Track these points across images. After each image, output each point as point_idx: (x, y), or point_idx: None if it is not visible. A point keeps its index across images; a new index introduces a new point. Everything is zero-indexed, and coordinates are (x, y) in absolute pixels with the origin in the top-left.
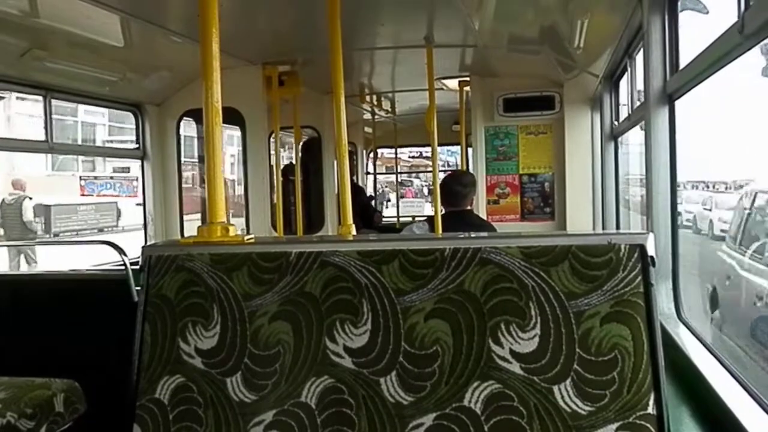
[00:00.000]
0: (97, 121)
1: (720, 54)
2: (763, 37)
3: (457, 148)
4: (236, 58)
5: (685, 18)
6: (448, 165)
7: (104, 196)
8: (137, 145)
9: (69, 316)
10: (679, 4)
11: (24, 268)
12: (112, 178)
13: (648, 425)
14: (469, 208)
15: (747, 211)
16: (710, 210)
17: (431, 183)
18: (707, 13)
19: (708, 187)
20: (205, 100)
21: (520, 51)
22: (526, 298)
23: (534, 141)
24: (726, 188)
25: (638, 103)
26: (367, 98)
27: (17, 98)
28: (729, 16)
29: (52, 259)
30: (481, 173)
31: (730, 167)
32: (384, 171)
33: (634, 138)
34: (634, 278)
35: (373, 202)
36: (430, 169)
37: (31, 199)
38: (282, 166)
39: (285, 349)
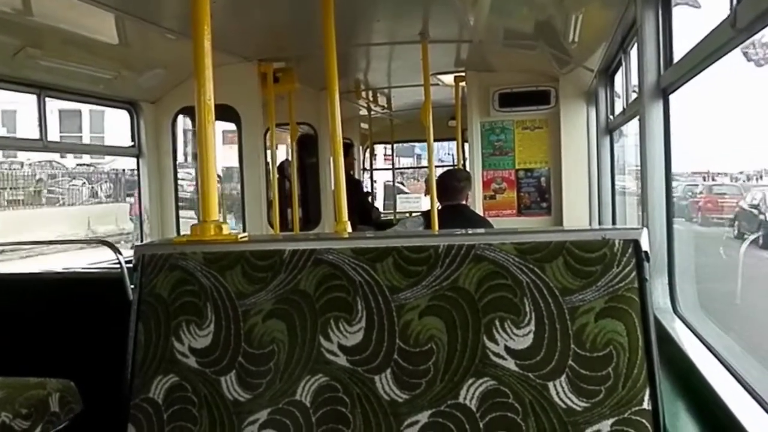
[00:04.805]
0: None
1: (713, 48)
2: (755, 30)
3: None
4: (231, 55)
5: (678, 12)
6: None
7: None
8: (132, 143)
9: (65, 316)
10: None
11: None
12: None
13: (643, 420)
14: (464, 202)
15: None
16: None
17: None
18: (699, 7)
19: None
20: (197, 97)
21: (515, 46)
22: (521, 294)
23: (530, 136)
24: None
25: (633, 98)
26: (363, 94)
27: None
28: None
29: None
30: (478, 168)
31: None
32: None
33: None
34: (629, 273)
35: (369, 198)
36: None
37: None
38: (278, 163)
39: (279, 347)
